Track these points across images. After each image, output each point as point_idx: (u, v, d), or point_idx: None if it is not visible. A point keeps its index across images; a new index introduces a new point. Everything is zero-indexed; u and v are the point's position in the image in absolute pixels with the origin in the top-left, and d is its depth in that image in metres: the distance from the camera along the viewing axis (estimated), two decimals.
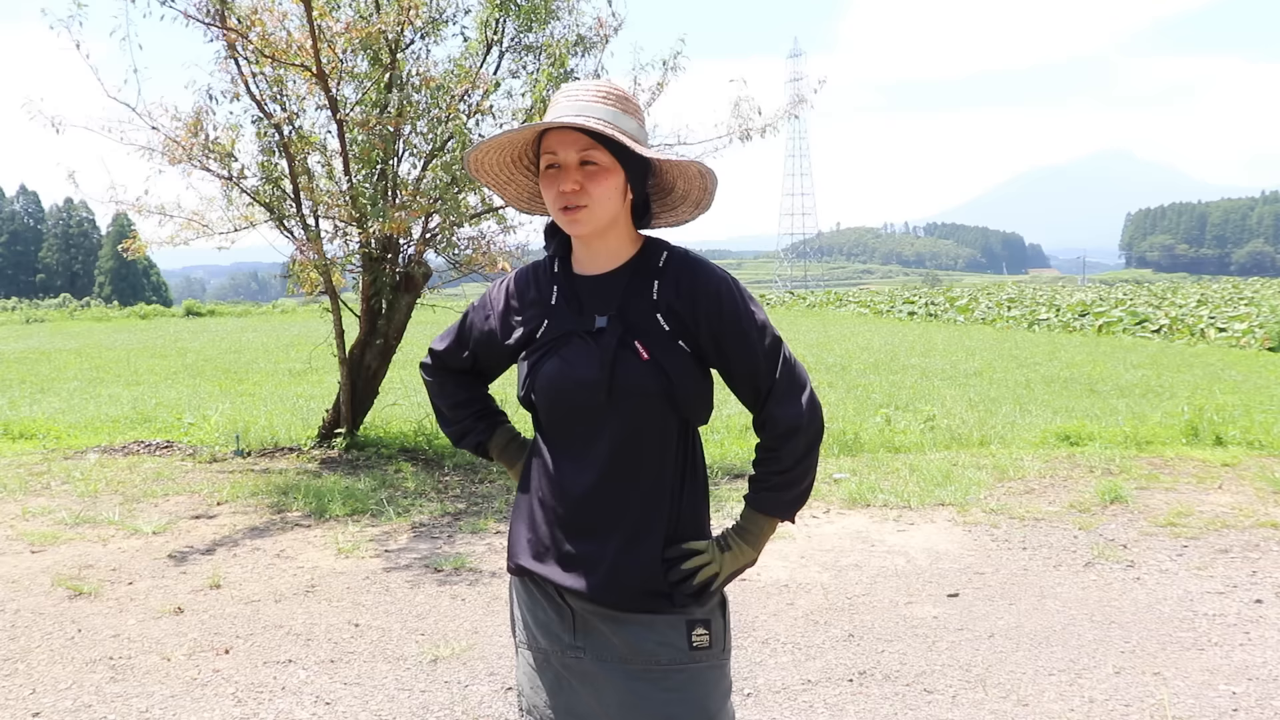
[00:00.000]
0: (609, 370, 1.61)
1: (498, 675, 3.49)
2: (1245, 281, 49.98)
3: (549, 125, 1.59)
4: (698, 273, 1.67)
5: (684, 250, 1.72)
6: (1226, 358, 16.11)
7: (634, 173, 1.64)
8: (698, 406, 1.67)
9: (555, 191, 1.63)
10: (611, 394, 1.61)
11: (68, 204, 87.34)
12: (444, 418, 1.93)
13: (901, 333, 22.98)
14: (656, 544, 1.65)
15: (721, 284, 1.67)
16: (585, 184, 1.61)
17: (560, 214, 1.63)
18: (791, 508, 1.73)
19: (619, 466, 1.64)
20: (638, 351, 1.62)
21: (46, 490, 6.33)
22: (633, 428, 1.64)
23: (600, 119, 1.60)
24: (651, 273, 1.68)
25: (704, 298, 1.65)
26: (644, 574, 1.64)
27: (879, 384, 11.98)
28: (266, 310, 36.90)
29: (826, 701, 3.27)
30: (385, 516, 5.61)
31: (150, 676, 3.51)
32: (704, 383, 1.68)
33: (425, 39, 6.87)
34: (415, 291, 7.20)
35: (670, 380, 1.61)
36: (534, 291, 1.75)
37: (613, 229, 1.67)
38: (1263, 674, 3.41)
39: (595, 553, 1.65)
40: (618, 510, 1.65)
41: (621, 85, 1.70)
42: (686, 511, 1.69)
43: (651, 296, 1.66)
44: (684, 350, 1.64)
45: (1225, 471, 6.41)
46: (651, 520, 1.65)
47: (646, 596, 1.64)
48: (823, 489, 6.11)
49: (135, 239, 7.24)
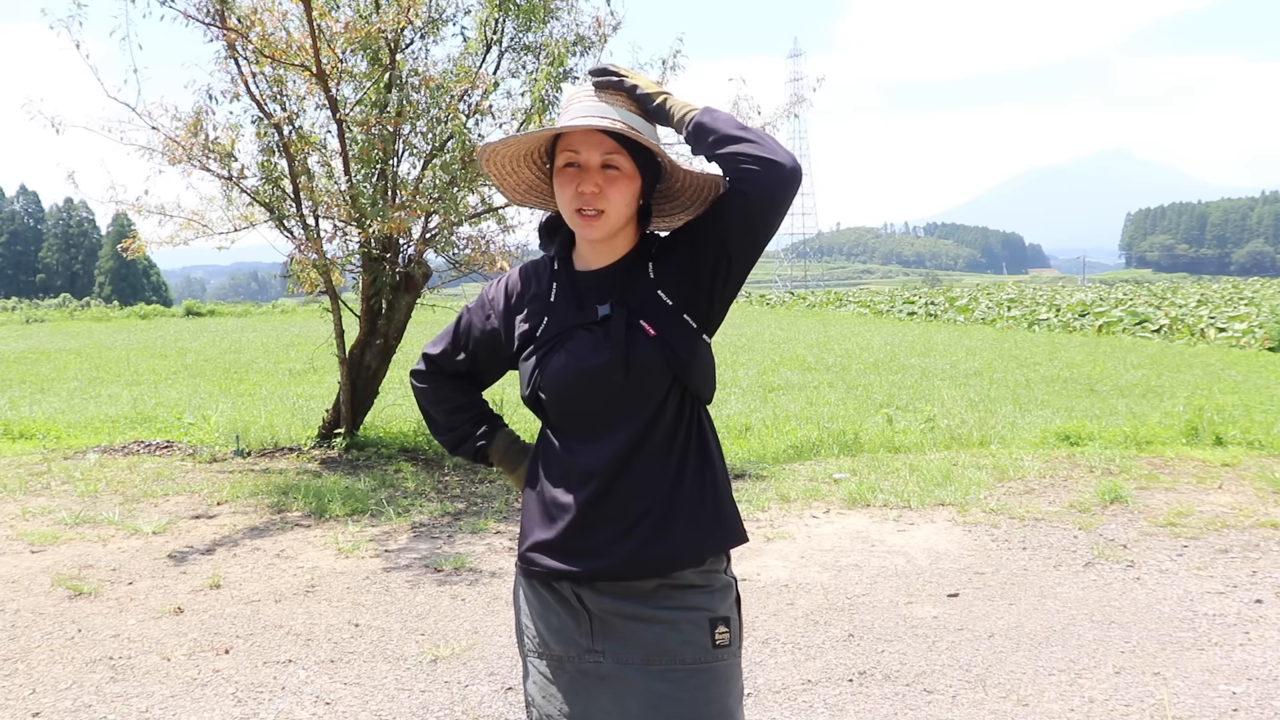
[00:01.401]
0: (623, 353, 1.60)
1: (498, 675, 3.49)
2: (1245, 281, 49.99)
3: (578, 126, 1.58)
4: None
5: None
6: (1226, 358, 16.11)
7: (649, 180, 1.64)
8: (700, 379, 1.67)
9: (573, 190, 1.61)
10: (628, 374, 1.60)
11: (68, 204, 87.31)
12: (438, 425, 1.87)
13: (901, 333, 22.99)
14: (679, 526, 1.64)
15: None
16: (605, 187, 1.60)
17: (575, 215, 1.62)
18: (701, 112, 1.65)
19: (637, 451, 1.63)
20: (644, 330, 1.62)
21: (46, 490, 6.33)
22: (646, 410, 1.63)
23: (627, 124, 1.60)
24: (646, 258, 1.69)
25: (680, 234, 1.69)
26: (670, 554, 1.63)
27: (879, 384, 11.98)
28: (266, 310, 36.89)
29: (826, 701, 3.27)
30: (385, 516, 5.61)
31: (150, 676, 3.51)
32: (706, 355, 1.69)
33: (425, 39, 6.87)
34: (415, 291, 7.20)
35: (676, 354, 1.62)
36: (534, 289, 1.74)
37: (621, 232, 1.68)
38: (1263, 674, 3.41)
39: (619, 541, 1.63)
40: (640, 494, 1.63)
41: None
42: (708, 489, 1.67)
43: (649, 276, 1.67)
44: (688, 324, 1.65)
45: (1225, 471, 6.41)
46: (673, 503, 1.64)
47: (674, 568, 1.64)
48: (823, 489, 6.11)
49: (135, 239, 7.24)
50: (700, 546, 1.65)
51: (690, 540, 1.64)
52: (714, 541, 1.67)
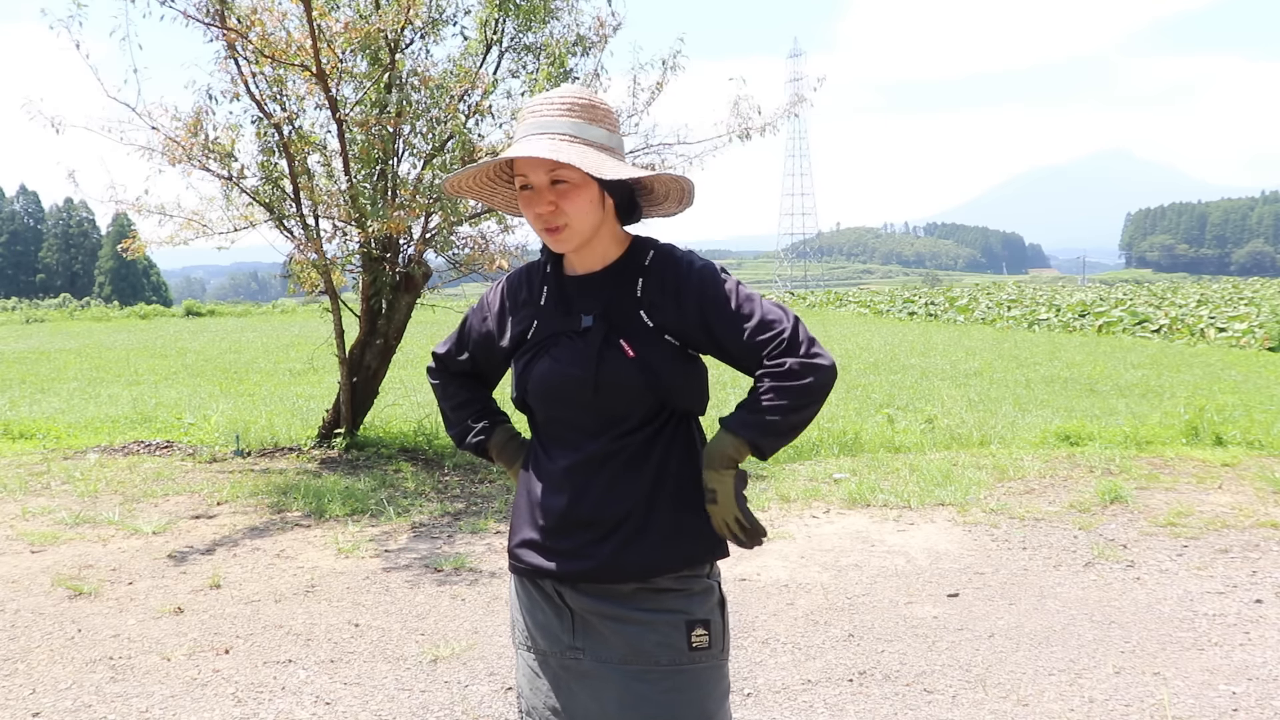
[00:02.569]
0: (594, 368, 1.62)
1: (498, 675, 3.49)
2: (1245, 281, 49.95)
3: (513, 156, 1.60)
4: (680, 267, 1.68)
5: (669, 247, 1.73)
6: (1226, 358, 16.11)
7: (608, 181, 1.64)
8: (691, 397, 1.69)
9: (532, 213, 1.66)
10: (598, 391, 1.63)
11: (68, 204, 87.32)
12: (447, 420, 1.95)
13: (901, 333, 22.99)
14: (656, 531, 1.65)
15: (704, 272, 1.67)
16: (559, 203, 1.62)
17: (543, 234, 1.66)
18: (761, 433, 1.62)
19: (615, 460, 1.66)
20: (623, 350, 1.63)
21: (46, 490, 6.33)
22: (626, 422, 1.65)
23: (564, 134, 1.61)
24: (636, 271, 1.70)
25: (687, 290, 1.66)
26: (646, 561, 1.65)
27: (879, 384, 11.98)
28: (266, 310, 36.89)
29: (826, 701, 3.27)
30: (385, 516, 5.61)
31: (150, 676, 3.51)
32: (694, 374, 1.69)
33: (425, 39, 6.87)
34: (415, 291, 7.20)
35: (657, 375, 1.63)
36: (525, 293, 1.78)
37: (597, 235, 1.69)
38: (1263, 674, 3.41)
39: (598, 544, 1.66)
40: (617, 502, 1.66)
41: (587, 92, 1.69)
42: (681, 496, 1.69)
43: (635, 294, 1.68)
44: (670, 344, 1.66)
45: (1225, 471, 6.41)
46: (649, 509, 1.66)
47: (645, 573, 1.65)
48: (823, 489, 6.11)
49: (135, 239, 7.24)
50: (675, 557, 1.67)
51: (666, 550, 1.66)
52: (691, 553, 1.68)
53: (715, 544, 1.71)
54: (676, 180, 1.70)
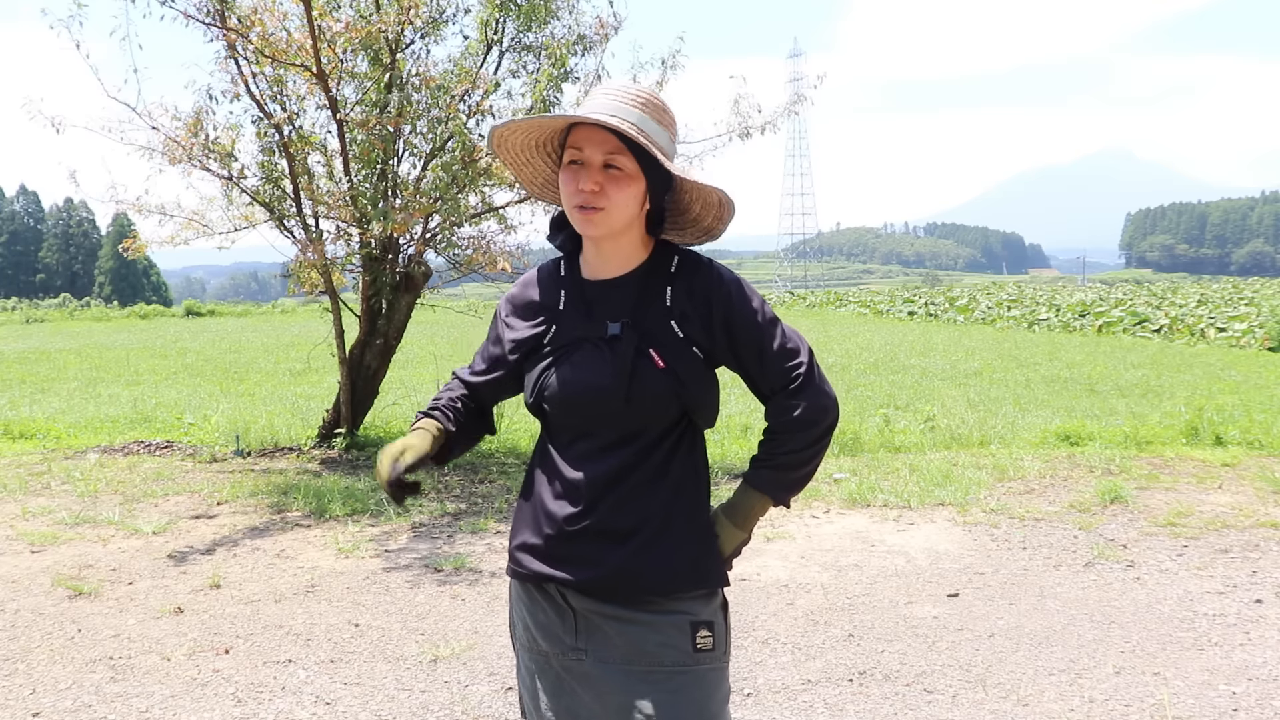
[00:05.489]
0: (626, 380, 1.59)
1: (498, 675, 3.49)
2: (1245, 281, 49.94)
3: (583, 119, 1.57)
4: (710, 277, 1.66)
5: (695, 254, 1.71)
6: (1226, 358, 16.11)
7: (655, 184, 1.62)
8: (707, 411, 1.68)
9: (574, 188, 1.61)
10: (630, 402, 1.60)
11: (68, 204, 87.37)
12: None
13: (901, 333, 22.99)
14: (670, 544, 1.64)
15: (733, 286, 1.66)
16: (606, 186, 1.59)
17: (575, 211, 1.62)
18: (789, 490, 1.70)
19: (632, 470, 1.64)
20: (653, 360, 1.61)
21: (46, 490, 6.33)
22: (646, 433, 1.63)
23: (634, 124, 1.59)
24: (664, 278, 1.67)
25: (718, 302, 1.65)
26: (658, 572, 1.64)
27: (879, 384, 11.98)
28: (266, 310, 36.90)
29: (826, 701, 3.27)
30: (385, 516, 5.61)
31: (150, 676, 3.51)
32: (713, 387, 1.68)
33: (425, 39, 6.87)
34: (415, 291, 7.20)
35: (685, 386, 1.61)
36: (540, 296, 1.74)
37: (625, 234, 1.66)
38: (1263, 674, 3.41)
39: (608, 553, 1.64)
40: (632, 513, 1.64)
41: (659, 94, 1.67)
42: (694, 511, 1.68)
43: (665, 303, 1.65)
44: (696, 356, 1.64)
45: (1225, 471, 6.41)
46: (665, 521, 1.64)
47: (658, 591, 1.64)
48: (823, 489, 6.11)
49: (135, 239, 7.24)
50: (678, 581, 1.65)
51: (674, 572, 1.64)
52: (693, 580, 1.66)
53: (717, 576, 1.70)
54: (721, 205, 1.67)
